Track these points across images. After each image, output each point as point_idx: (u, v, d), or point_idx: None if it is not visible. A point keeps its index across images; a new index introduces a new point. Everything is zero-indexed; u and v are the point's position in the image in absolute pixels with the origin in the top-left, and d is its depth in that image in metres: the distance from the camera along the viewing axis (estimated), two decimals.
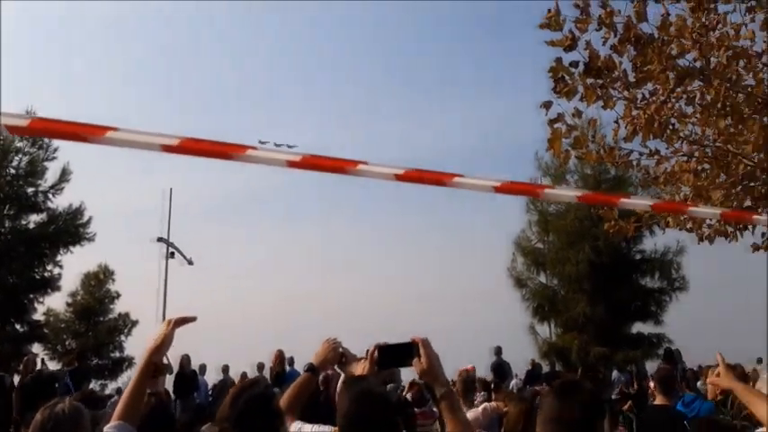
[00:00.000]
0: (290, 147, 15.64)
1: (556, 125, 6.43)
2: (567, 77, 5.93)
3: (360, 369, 2.33)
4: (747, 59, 5.89)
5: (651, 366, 15.83)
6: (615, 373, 14.70)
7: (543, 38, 5.50)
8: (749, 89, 5.94)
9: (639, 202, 3.04)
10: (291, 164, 1.47)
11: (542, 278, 16.53)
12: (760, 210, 7.11)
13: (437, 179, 1.61)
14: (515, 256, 16.44)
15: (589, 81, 5.95)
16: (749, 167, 6.47)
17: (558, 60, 5.55)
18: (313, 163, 1.50)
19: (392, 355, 2.15)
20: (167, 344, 2.02)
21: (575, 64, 5.57)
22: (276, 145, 14.93)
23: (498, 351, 13.57)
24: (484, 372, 15.85)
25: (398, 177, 1.53)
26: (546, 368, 15.29)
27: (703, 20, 5.88)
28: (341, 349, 2.57)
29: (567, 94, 6.00)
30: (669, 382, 4.92)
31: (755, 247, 7.66)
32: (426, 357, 2.00)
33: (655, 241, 15.47)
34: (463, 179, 1.59)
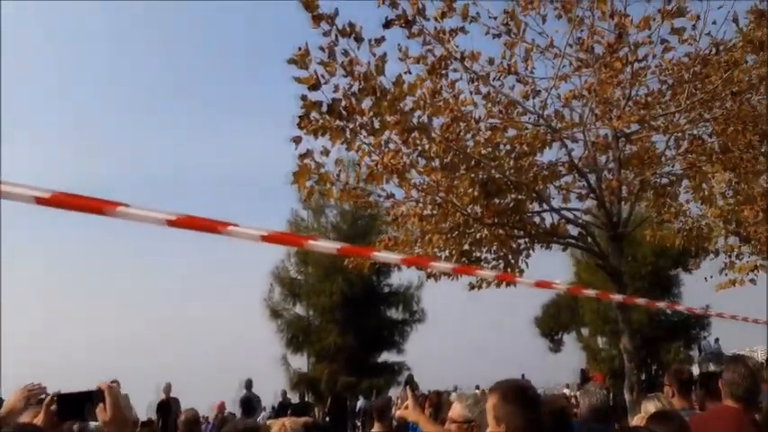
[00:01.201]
0: None
1: (305, 160, 6.55)
2: (315, 115, 6.11)
3: (30, 418, 2.07)
4: (467, 123, 6.79)
5: (394, 393, 17.10)
6: (361, 401, 15.43)
7: (292, 73, 5.59)
8: (466, 149, 6.85)
9: (390, 257, 3.13)
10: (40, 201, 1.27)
11: (298, 309, 16.77)
12: (475, 250, 8.14)
13: (210, 227, 1.56)
14: (273, 287, 16.45)
15: (337, 123, 6.22)
16: (465, 217, 7.40)
17: (304, 97, 5.67)
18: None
19: (72, 405, 1.95)
20: None
21: (319, 104, 5.74)
22: None
23: (248, 384, 13.21)
24: (231, 406, 15.31)
25: (170, 223, 1.45)
26: (295, 400, 15.36)
27: (437, 83, 6.64)
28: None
29: (314, 132, 6.16)
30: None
31: (471, 287, 8.74)
32: (111, 406, 1.78)
33: (400, 276, 16.90)
34: (238, 228, 1.58)
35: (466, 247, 7.96)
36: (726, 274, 13.57)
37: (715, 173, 8.41)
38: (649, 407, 3.81)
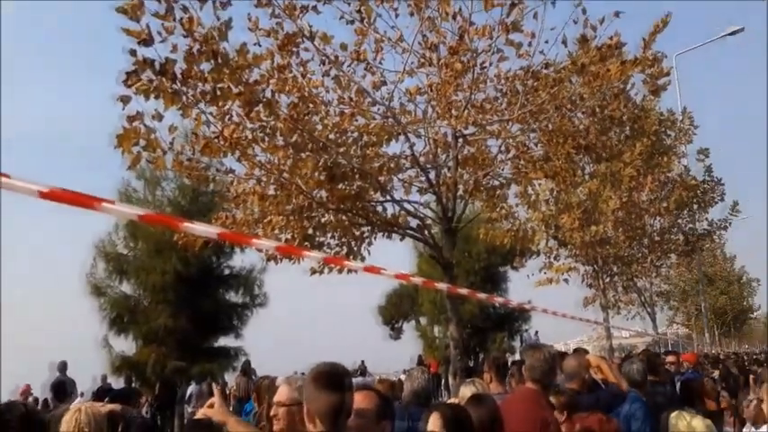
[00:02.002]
0: None
1: (134, 123, 5.97)
2: (150, 75, 5.58)
3: None
4: (315, 105, 6.69)
5: (230, 378, 16.55)
6: (192, 387, 14.72)
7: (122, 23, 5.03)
8: (313, 131, 6.75)
9: (205, 229, 2.89)
10: None
11: (125, 287, 15.47)
12: (319, 234, 8.09)
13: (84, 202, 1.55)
14: (96, 261, 14.96)
15: (174, 86, 5.74)
16: (309, 200, 7.31)
17: (133, 52, 5.14)
18: None
19: None
20: None
21: (150, 62, 5.25)
22: None
23: (62, 367, 11.96)
24: (40, 392, 13.74)
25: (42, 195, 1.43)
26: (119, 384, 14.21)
27: (287, 59, 6.43)
28: None
29: (144, 93, 5.63)
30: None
31: (313, 271, 8.67)
32: None
33: (242, 258, 16.35)
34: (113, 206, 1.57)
35: (310, 231, 7.88)
36: (545, 273, 15.13)
37: (538, 179, 9.25)
38: (466, 391, 4.03)
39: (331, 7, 6.37)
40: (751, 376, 9.01)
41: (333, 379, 2.07)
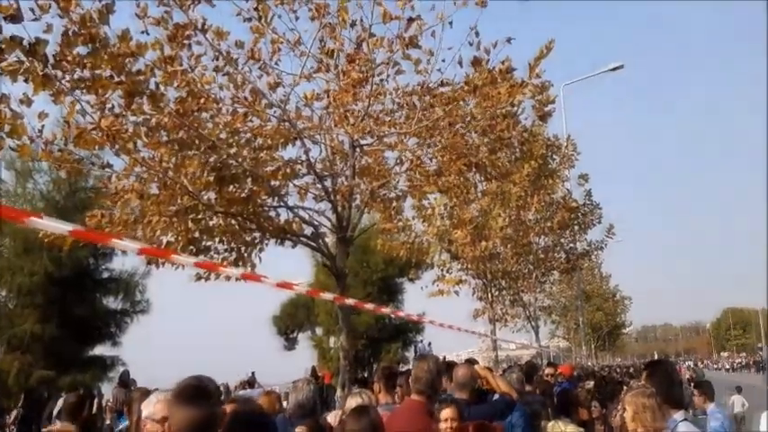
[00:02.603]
0: None
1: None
2: (20, 55, 5.06)
3: None
4: (205, 101, 6.40)
5: (106, 389, 15.30)
6: (61, 401, 13.50)
7: None
8: (202, 129, 6.45)
9: (130, 245, 2.62)
10: None
11: None
12: (207, 238, 7.72)
13: None
14: None
15: (46, 70, 5.24)
16: (195, 201, 6.96)
17: None
18: None
19: None
20: None
21: (19, 40, 4.77)
22: None
23: None
24: None
25: None
26: None
27: (176, 51, 6.10)
28: None
29: (10, 74, 5.10)
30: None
31: (198, 277, 8.25)
32: None
33: (124, 261, 15.30)
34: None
35: (196, 234, 7.51)
36: (437, 285, 15.53)
37: (432, 193, 9.49)
38: (352, 402, 4.03)
39: (227, 2, 6.14)
40: (626, 387, 9.71)
41: (196, 393, 1.99)
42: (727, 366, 72.65)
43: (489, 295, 15.65)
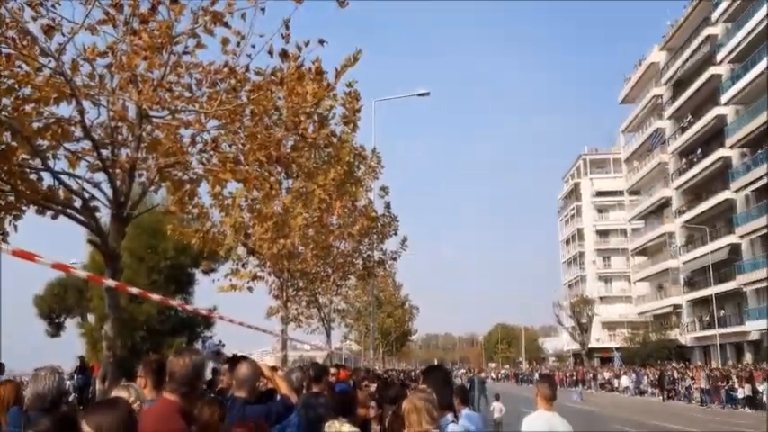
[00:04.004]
0: None
1: None
2: None
3: None
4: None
5: None
6: None
7: None
8: None
9: None
10: None
11: None
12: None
13: None
14: None
15: None
16: None
17: None
18: None
19: None
20: None
21: None
22: None
23: None
24: None
25: None
26: None
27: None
28: None
29: None
30: None
31: None
32: None
33: None
34: None
35: None
36: (230, 279, 15.01)
37: (227, 180, 9.10)
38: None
39: None
40: (409, 390, 10.35)
41: None
42: (493, 376, 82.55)
43: (285, 294, 15.57)
